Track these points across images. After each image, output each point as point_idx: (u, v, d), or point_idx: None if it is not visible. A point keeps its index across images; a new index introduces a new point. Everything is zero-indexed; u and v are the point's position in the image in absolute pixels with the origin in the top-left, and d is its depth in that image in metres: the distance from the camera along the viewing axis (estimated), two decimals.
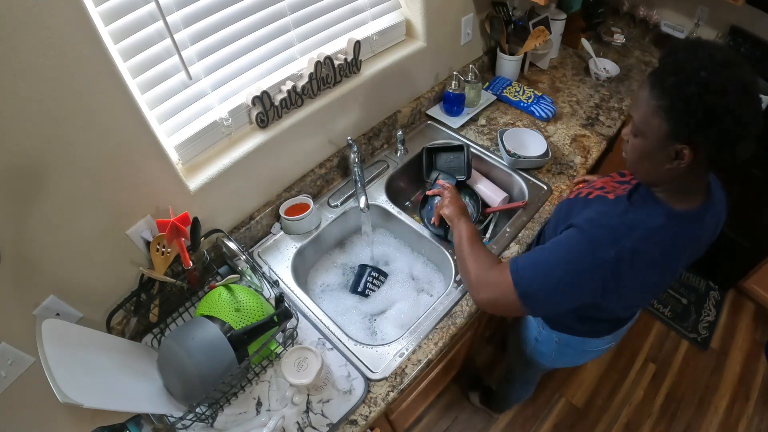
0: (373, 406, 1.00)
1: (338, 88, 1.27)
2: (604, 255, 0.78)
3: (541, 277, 0.84)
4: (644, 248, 0.78)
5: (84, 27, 0.75)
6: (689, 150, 0.71)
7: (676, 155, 0.73)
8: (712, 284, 2.21)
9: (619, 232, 0.79)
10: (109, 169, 0.91)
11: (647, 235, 0.78)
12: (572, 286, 0.82)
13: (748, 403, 1.86)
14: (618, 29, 1.95)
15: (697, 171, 0.75)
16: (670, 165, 0.75)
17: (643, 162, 0.79)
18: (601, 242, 0.79)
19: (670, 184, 0.79)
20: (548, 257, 0.85)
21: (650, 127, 0.74)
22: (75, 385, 0.76)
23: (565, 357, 1.21)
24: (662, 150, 0.74)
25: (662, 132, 0.73)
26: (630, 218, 0.81)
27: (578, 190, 1.00)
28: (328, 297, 1.29)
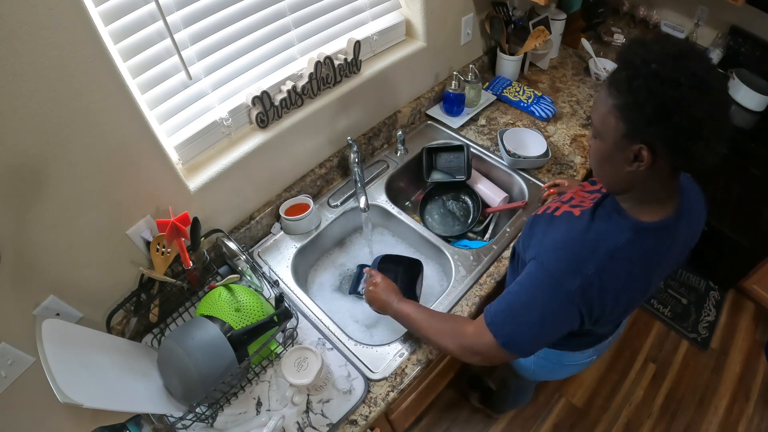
0: (373, 406, 1.00)
1: (338, 88, 1.27)
2: (571, 286, 0.74)
3: (519, 326, 0.80)
4: (610, 267, 0.74)
5: (84, 27, 0.75)
6: (647, 151, 0.67)
7: (635, 157, 0.69)
8: (712, 284, 2.20)
9: (580, 257, 0.75)
10: (109, 169, 0.91)
11: (611, 254, 0.74)
12: (551, 325, 0.79)
13: (748, 403, 1.86)
14: (618, 29, 1.95)
15: (661, 175, 0.71)
16: (630, 168, 0.70)
17: (604, 166, 0.75)
18: (564, 274, 0.75)
19: (634, 192, 0.75)
20: (519, 303, 0.80)
21: (607, 128, 0.71)
22: (75, 385, 0.76)
23: (544, 370, 1.18)
24: (621, 152, 0.70)
25: (618, 132, 0.69)
26: (592, 237, 0.77)
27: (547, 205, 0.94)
28: (328, 297, 1.29)
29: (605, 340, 1.08)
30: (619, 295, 0.78)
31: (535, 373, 1.23)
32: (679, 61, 0.64)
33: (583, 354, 1.09)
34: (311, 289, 1.31)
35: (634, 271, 0.77)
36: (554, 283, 0.76)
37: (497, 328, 0.81)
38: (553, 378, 1.31)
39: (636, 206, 0.76)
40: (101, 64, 0.80)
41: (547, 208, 0.92)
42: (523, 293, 0.80)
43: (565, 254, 0.77)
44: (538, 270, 0.79)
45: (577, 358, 1.10)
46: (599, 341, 1.06)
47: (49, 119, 0.77)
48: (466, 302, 1.15)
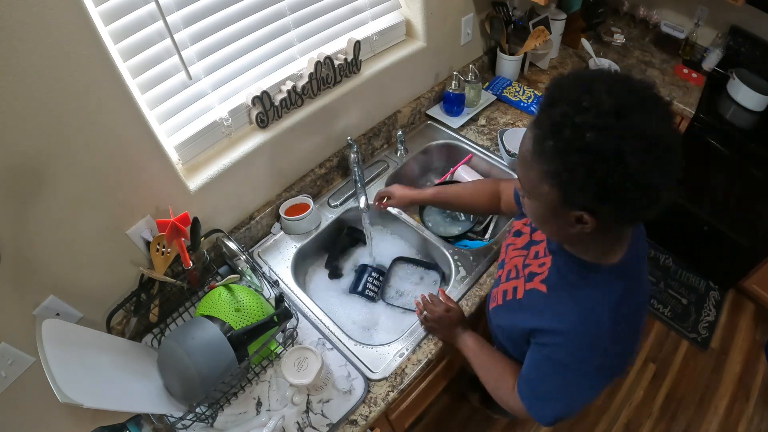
0: (373, 406, 1.00)
1: (338, 88, 1.27)
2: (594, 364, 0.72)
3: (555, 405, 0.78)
4: (620, 324, 0.70)
5: (84, 27, 0.75)
6: (590, 216, 0.59)
7: (577, 220, 0.61)
8: (712, 284, 2.20)
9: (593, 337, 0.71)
10: (109, 169, 0.91)
11: (615, 313, 0.69)
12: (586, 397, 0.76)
13: (748, 403, 1.86)
14: (618, 29, 1.95)
15: (608, 228, 0.64)
16: (573, 229, 0.62)
17: (545, 225, 0.69)
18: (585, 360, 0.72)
19: (587, 244, 0.69)
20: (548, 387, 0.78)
21: (539, 193, 0.61)
22: (75, 385, 0.76)
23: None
24: (560, 216, 0.62)
25: (554, 199, 0.60)
26: (588, 311, 0.70)
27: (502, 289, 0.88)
28: (328, 297, 1.29)
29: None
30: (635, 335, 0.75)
31: None
32: (618, 120, 0.51)
33: None
34: (311, 289, 1.31)
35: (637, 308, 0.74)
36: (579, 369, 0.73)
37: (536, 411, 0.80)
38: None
39: (599, 254, 0.70)
40: (101, 64, 0.80)
41: (504, 293, 0.87)
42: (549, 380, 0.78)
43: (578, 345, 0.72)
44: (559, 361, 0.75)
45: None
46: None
47: (49, 119, 0.77)
48: (466, 302, 1.15)
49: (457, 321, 1.03)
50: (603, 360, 0.72)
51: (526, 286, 0.81)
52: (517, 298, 0.83)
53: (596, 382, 0.75)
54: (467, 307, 1.14)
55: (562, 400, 0.77)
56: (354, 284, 1.28)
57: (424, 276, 1.32)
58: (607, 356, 0.72)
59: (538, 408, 0.80)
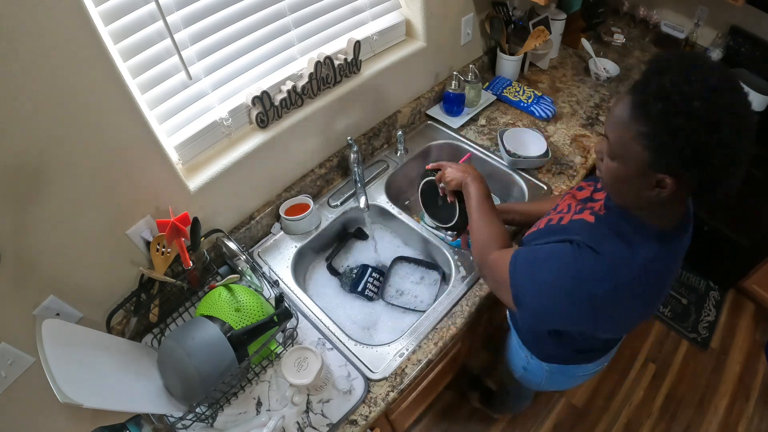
0: (373, 406, 1.00)
1: (338, 88, 1.27)
2: (597, 290, 0.73)
3: (536, 292, 0.79)
4: (642, 281, 0.73)
5: (84, 27, 0.75)
6: (672, 180, 0.64)
7: (658, 183, 0.66)
8: (712, 284, 2.20)
9: (616, 265, 0.73)
10: (109, 169, 0.91)
11: (644, 267, 0.73)
12: (566, 314, 0.78)
13: (748, 403, 1.86)
14: (618, 29, 1.95)
15: (679, 198, 0.69)
16: (650, 192, 0.67)
17: (620, 186, 0.72)
18: (594, 277, 0.73)
19: (648, 211, 0.73)
20: (546, 272, 0.78)
21: (629, 153, 0.66)
22: (75, 385, 0.76)
23: (556, 383, 1.19)
24: (642, 178, 0.67)
25: (643, 160, 0.65)
26: (623, 248, 0.74)
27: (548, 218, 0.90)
28: (328, 297, 1.29)
29: (614, 348, 1.08)
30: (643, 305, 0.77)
31: (547, 386, 1.22)
32: (721, 97, 0.59)
33: (595, 364, 1.09)
34: (311, 289, 1.31)
35: (660, 280, 0.76)
36: (588, 279, 0.74)
37: (516, 284, 0.81)
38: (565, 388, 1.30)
39: (651, 215, 0.74)
40: (101, 64, 0.80)
41: (549, 220, 0.88)
42: (554, 268, 0.77)
43: (601, 263, 0.74)
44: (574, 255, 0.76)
45: (590, 368, 1.10)
46: (608, 350, 1.06)
47: (49, 119, 0.77)
48: (466, 302, 1.15)
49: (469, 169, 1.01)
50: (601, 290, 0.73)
51: (574, 217, 0.83)
52: (562, 224, 0.85)
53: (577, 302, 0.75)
54: (467, 306, 1.14)
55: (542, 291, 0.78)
56: (354, 284, 1.28)
57: (424, 276, 1.32)
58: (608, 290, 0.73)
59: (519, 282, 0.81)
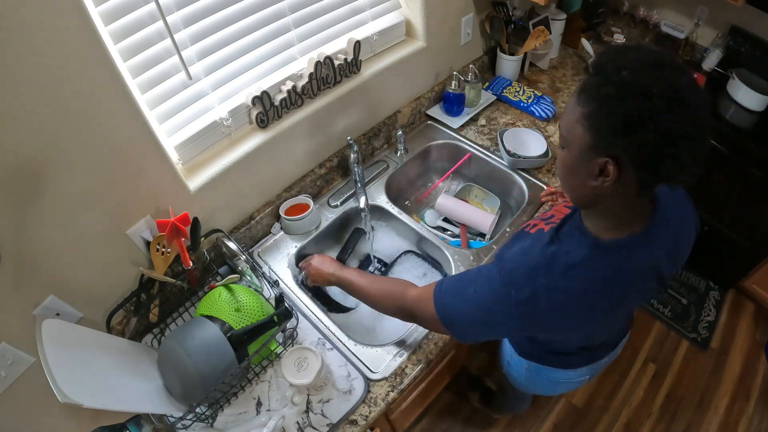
0: (373, 406, 1.00)
1: (338, 88, 1.27)
2: (519, 295, 0.73)
3: (461, 312, 0.81)
4: (563, 284, 0.71)
5: (84, 27, 0.75)
6: (613, 165, 0.62)
7: (600, 171, 0.64)
8: (712, 284, 2.20)
9: (534, 270, 0.73)
10: (109, 169, 0.91)
11: (565, 271, 0.71)
12: (488, 323, 0.79)
13: (748, 403, 1.86)
14: (618, 29, 1.95)
15: (627, 193, 0.66)
16: (594, 182, 0.66)
17: (569, 177, 0.71)
18: (514, 282, 0.74)
19: (599, 208, 0.72)
20: (467, 290, 0.80)
21: (574, 137, 0.66)
22: (75, 385, 0.76)
23: (537, 385, 1.18)
24: (585, 164, 0.66)
25: (584, 143, 0.64)
26: (550, 253, 0.74)
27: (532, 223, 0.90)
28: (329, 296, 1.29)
29: (600, 360, 1.06)
30: (575, 312, 0.75)
31: (528, 387, 1.22)
32: (655, 70, 0.59)
33: (576, 372, 1.07)
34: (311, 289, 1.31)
35: (594, 288, 0.73)
36: (504, 287, 0.75)
37: (442, 305, 0.82)
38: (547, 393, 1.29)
39: (599, 223, 0.73)
40: (101, 64, 0.80)
41: (527, 225, 0.90)
42: (474, 284, 0.80)
43: (522, 265, 0.75)
44: (495, 270, 0.78)
45: (570, 376, 1.09)
46: (593, 360, 1.05)
47: (49, 119, 0.77)
48: None
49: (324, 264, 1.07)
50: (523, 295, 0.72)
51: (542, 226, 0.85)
52: (530, 231, 0.86)
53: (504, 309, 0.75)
54: None
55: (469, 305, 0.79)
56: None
57: (427, 273, 1.32)
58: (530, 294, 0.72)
59: (445, 301, 0.82)
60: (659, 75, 0.58)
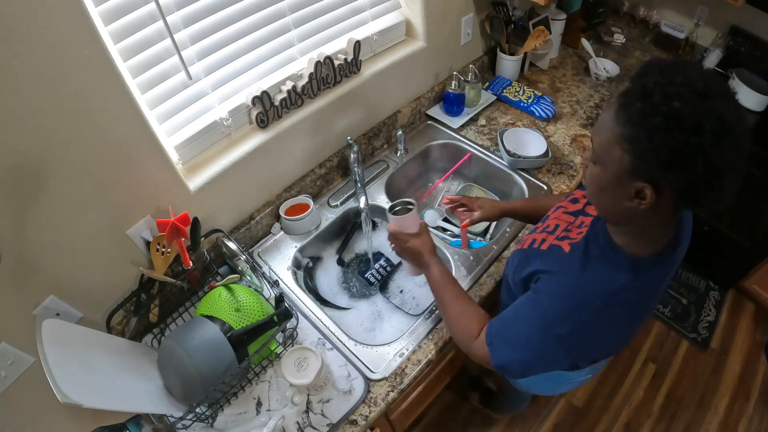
0: (373, 406, 1.00)
1: (338, 88, 1.27)
2: (561, 330, 0.73)
3: (512, 353, 0.81)
4: (607, 314, 0.71)
5: (84, 27, 0.75)
6: (651, 190, 0.61)
7: (637, 194, 0.63)
8: (712, 284, 2.20)
9: (576, 304, 0.72)
10: (109, 169, 0.91)
11: (609, 300, 0.71)
12: (541, 361, 0.79)
13: (748, 403, 1.86)
14: (618, 29, 1.95)
15: (662, 214, 0.65)
16: (629, 203, 0.64)
17: (601, 195, 0.69)
18: (556, 320, 0.73)
19: (632, 225, 0.70)
20: (513, 331, 0.81)
21: (610, 157, 0.63)
22: (75, 385, 0.76)
23: (538, 385, 1.18)
24: (622, 186, 0.64)
25: (623, 165, 0.62)
26: (589, 283, 0.73)
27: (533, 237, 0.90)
28: (329, 296, 1.29)
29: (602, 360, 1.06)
30: (618, 335, 0.76)
31: (531, 388, 1.23)
32: (704, 101, 0.56)
33: (579, 372, 1.08)
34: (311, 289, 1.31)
35: (634, 312, 0.74)
36: (545, 326, 0.75)
37: (493, 350, 0.82)
38: (549, 393, 1.30)
39: (634, 240, 0.71)
40: (101, 64, 0.80)
41: (533, 240, 0.89)
42: (519, 325, 0.80)
43: (561, 300, 0.74)
44: (532, 308, 0.78)
45: (571, 376, 1.09)
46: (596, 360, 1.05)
47: (49, 120, 0.77)
48: None
49: (421, 250, 0.98)
50: (566, 330, 0.73)
51: (554, 242, 0.83)
52: (541, 249, 0.84)
53: (550, 347, 0.75)
54: None
55: (517, 349, 0.80)
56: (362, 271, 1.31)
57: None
58: (573, 329, 0.72)
59: (495, 347, 0.82)
60: (710, 107, 0.56)
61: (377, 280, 1.29)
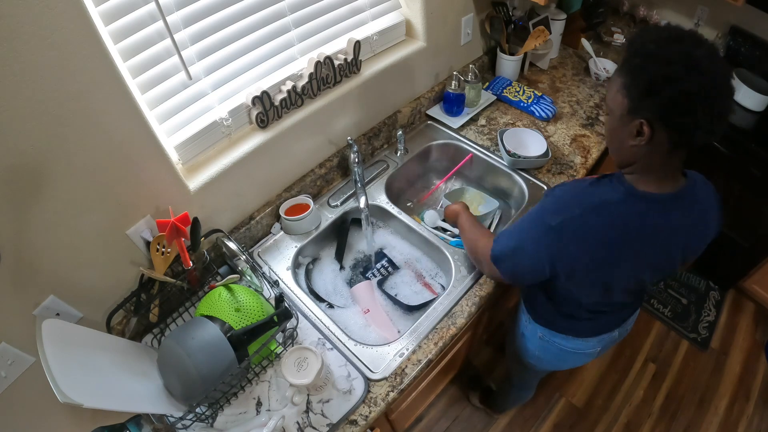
0: (373, 406, 1.00)
1: (338, 88, 1.27)
2: (552, 221, 0.83)
3: (508, 240, 0.94)
4: (592, 219, 0.81)
5: (84, 27, 0.75)
6: (647, 126, 0.74)
7: (637, 132, 0.76)
8: (712, 284, 2.20)
9: (572, 201, 0.84)
10: (109, 169, 0.91)
11: (598, 207, 0.81)
12: (527, 250, 0.89)
13: (748, 403, 1.86)
14: (618, 29, 1.95)
15: (661, 151, 0.77)
16: (633, 142, 0.77)
17: (613, 139, 0.84)
18: (552, 210, 0.85)
19: (637, 165, 0.81)
20: (515, 226, 0.93)
21: (615, 104, 0.78)
22: (75, 385, 0.76)
23: (548, 354, 1.19)
24: (625, 126, 0.77)
25: (623, 108, 0.76)
26: (588, 191, 0.85)
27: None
28: (329, 296, 1.29)
29: (609, 333, 1.09)
30: (595, 246, 0.82)
31: (540, 359, 1.24)
32: (675, 43, 0.70)
33: (586, 343, 1.11)
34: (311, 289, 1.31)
35: (615, 230, 0.81)
36: (543, 214, 0.86)
37: (495, 243, 0.97)
38: (557, 367, 1.31)
39: (637, 178, 0.82)
40: (101, 64, 0.80)
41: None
42: (520, 221, 0.93)
43: (560, 197, 0.87)
44: (538, 206, 0.91)
45: (580, 346, 1.11)
46: (602, 331, 1.08)
47: (49, 119, 0.77)
48: (467, 302, 1.15)
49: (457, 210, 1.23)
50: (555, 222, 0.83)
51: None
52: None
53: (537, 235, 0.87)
54: (467, 306, 1.14)
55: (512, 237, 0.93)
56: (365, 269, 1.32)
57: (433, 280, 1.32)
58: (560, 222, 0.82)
59: (497, 240, 0.97)
60: (679, 47, 0.69)
61: (375, 277, 1.29)
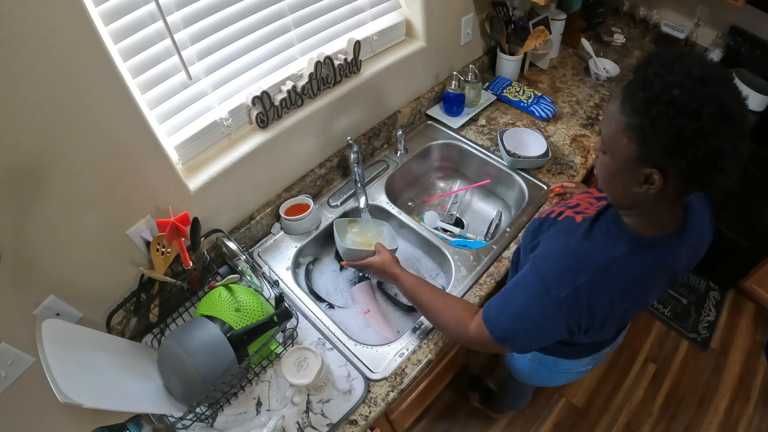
0: (373, 406, 1.00)
1: (338, 88, 1.27)
2: (560, 293, 0.75)
3: (511, 322, 0.81)
4: (603, 280, 0.74)
5: (84, 27, 0.75)
6: (659, 175, 0.64)
7: (645, 179, 0.66)
8: (712, 284, 2.20)
9: (573, 267, 0.75)
10: (110, 169, 0.91)
11: (607, 266, 0.74)
12: (539, 328, 0.80)
13: (748, 403, 1.86)
14: (618, 29, 1.95)
15: (669, 198, 0.69)
16: (638, 189, 0.68)
17: (612, 182, 0.73)
18: (556, 280, 0.76)
19: (640, 209, 0.74)
20: (513, 301, 0.82)
21: (618, 146, 0.67)
22: (75, 385, 0.76)
23: (539, 375, 1.19)
24: (630, 172, 0.67)
25: (630, 153, 0.66)
26: (588, 248, 0.76)
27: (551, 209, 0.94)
28: (329, 296, 1.29)
29: (602, 351, 1.07)
30: (610, 308, 0.77)
31: (531, 378, 1.23)
32: (702, 86, 0.59)
33: (579, 362, 1.08)
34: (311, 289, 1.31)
35: (628, 285, 0.76)
36: (545, 290, 0.77)
37: (493, 325, 0.83)
38: (549, 384, 1.30)
39: (638, 221, 0.75)
40: (101, 64, 0.80)
41: (551, 212, 0.92)
42: (518, 294, 0.82)
43: (560, 263, 0.77)
44: (532, 274, 0.80)
45: (573, 366, 1.10)
46: (595, 350, 1.06)
47: (49, 119, 0.77)
48: None
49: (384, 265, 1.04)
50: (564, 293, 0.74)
51: (570, 214, 0.86)
52: (558, 219, 0.87)
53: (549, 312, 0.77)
54: None
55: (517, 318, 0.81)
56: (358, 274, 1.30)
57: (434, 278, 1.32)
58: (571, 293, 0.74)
59: (494, 321, 0.83)
60: (708, 92, 0.59)
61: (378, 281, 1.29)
